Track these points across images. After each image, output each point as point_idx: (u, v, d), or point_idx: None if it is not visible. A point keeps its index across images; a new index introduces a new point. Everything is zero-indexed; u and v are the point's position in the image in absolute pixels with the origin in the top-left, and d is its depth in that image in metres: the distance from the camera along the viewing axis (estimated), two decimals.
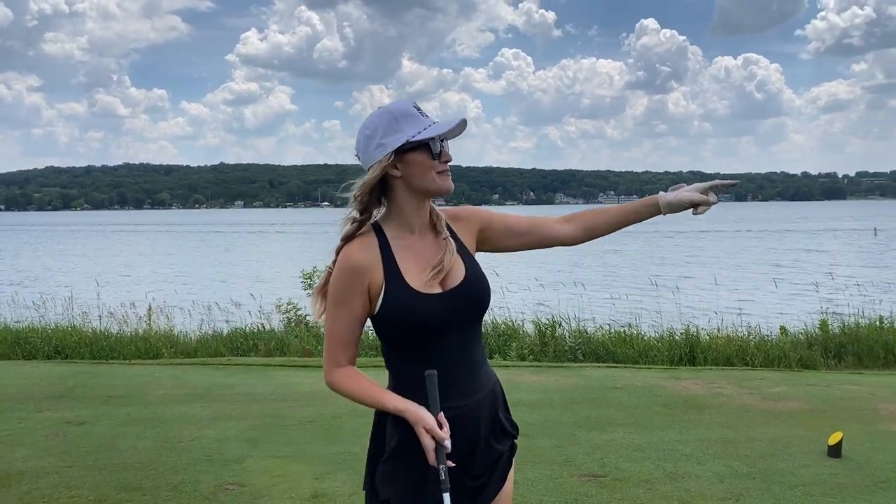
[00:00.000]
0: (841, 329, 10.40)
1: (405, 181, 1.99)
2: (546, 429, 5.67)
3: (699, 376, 7.83)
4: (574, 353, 10.10)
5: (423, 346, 1.97)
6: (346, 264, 1.97)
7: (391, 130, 1.96)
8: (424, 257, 2.01)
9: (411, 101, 2.01)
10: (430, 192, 2.01)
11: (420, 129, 1.96)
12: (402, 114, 1.97)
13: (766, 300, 17.27)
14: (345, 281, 1.97)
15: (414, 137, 1.95)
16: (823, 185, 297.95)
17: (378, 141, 1.96)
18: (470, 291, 2.01)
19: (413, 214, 2.03)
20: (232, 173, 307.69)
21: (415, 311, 1.94)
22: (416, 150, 1.96)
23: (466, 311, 2.01)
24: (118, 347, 10.64)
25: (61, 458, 5.04)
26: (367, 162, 1.99)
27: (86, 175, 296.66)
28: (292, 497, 4.27)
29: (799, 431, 5.54)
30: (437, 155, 1.98)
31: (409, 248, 2.02)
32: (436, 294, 1.97)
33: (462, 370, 2.00)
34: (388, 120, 1.96)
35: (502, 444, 2.09)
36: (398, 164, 1.97)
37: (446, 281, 2.00)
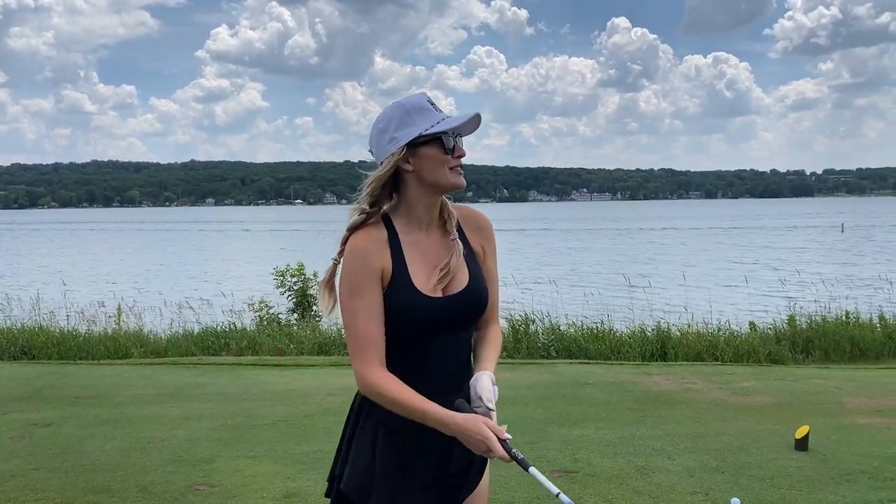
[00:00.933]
0: (808, 324, 10.56)
1: (417, 175, 1.97)
2: (518, 425, 5.68)
3: (670, 372, 7.92)
4: (547, 349, 10.15)
5: (419, 344, 1.97)
6: (357, 251, 1.94)
7: (403, 124, 1.95)
8: (432, 256, 2.00)
9: (425, 96, 2.00)
10: (442, 188, 1.99)
11: (433, 122, 1.95)
12: (414, 108, 1.96)
13: (736, 296, 17.52)
14: (358, 268, 1.93)
15: (427, 131, 1.93)
16: (792, 182, 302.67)
17: (391, 135, 1.96)
18: (471, 298, 2.01)
19: (424, 209, 2.02)
20: (203, 171, 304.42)
21: (418, 312, 1.94)
22: (428, 144, 1.95)
23: (465, 316, 2.02)
24: (87, 347, 10.47)
25: (27, 460, 4.96)
26: (379, 156, 1.99)
27: (53, 172, 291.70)
28: (263, 497, 4.24)
29: (767, 425, 5.62)
30: (451, 150, 1.96)
31: (417, 244, 2.00)
32: (439, 298, 1.97)
33: (452, 368, 2.01)
34: (401, 114, 1.96)
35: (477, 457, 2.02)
36: (410, 158, 1.95)
37: (450, 285, 1.99)
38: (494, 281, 2.14)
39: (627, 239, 54.82)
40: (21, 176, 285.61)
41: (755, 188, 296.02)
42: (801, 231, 63.14)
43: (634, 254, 39.97)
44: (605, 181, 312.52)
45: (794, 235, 56.80)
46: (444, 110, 2.00)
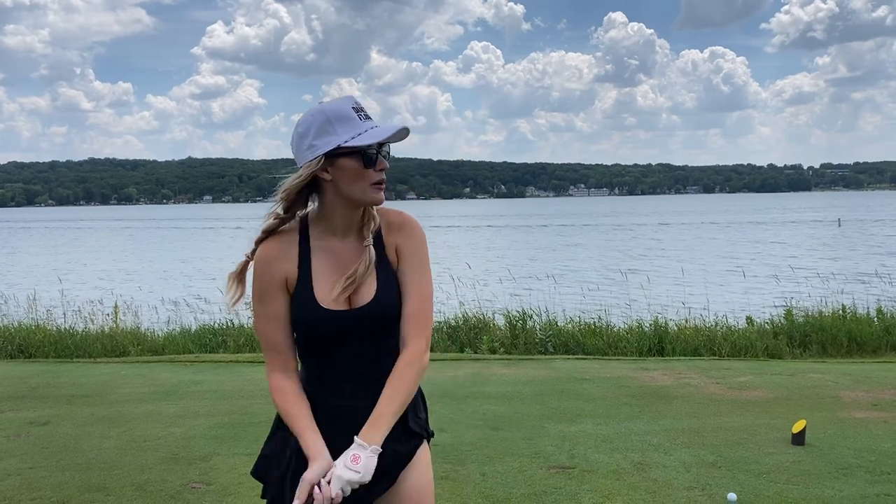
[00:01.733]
0: (805, 318, 10.56)
1: (335, 185, 1.92)
2: (515, 421, 5.68)
3: (667, 367, 7.91)
4: (544, 345, 10.15)
5: (326, 351, 1.95)
6: (263, 258, 1.94)
7: (323, 132, 1.87)
8: (341, 263, 1.96)
9: (351, 101, 1.91)
10: (359, 202, 1.94)
11: (354, 133, 1.87)
12: (336, 115, 1.88)
13: (733, 291, 17.53)
14: (264, 276, 1.94)
15: (346, 143, 1.86)
16: (789, 176, 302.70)
17: (309, 142, 1.89)
18: (374, 313, 1.94)
19: (339, 218, 1.97)
20: (200, 168, 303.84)
21: (314, 323, 1.92)
22: (348, 155, 1.88)
23: (369, 329, 1.95)
24: (84, 346, 10.46)
25: (23, 459, 4.94)
26: (298, 161, 1.93)
27: (50, 170, 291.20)
28: (259, 494, 4.22)
29: (764, 420, 5.62)
30: (373, 163, 1.89)
31: (329, 250, 1.97)
32: (339, 311, 1.92)
33: (363, 377, 1.95)
34: (322, 121, 1.88)
35: (404, 445, 1.99)
36: (328, 168, 1.89)
37: (355, 297, 1.94)
38: (416, 287, 1.98)
39: (623, 234, 54.82)
40: (18, 174, 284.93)
41: (753, 183, 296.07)
42: (798, 226, 63.16)
43: (631, 249, 39.97)
44: (603, 176, 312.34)
45: (791, 230, 56.82)
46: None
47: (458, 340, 10.57)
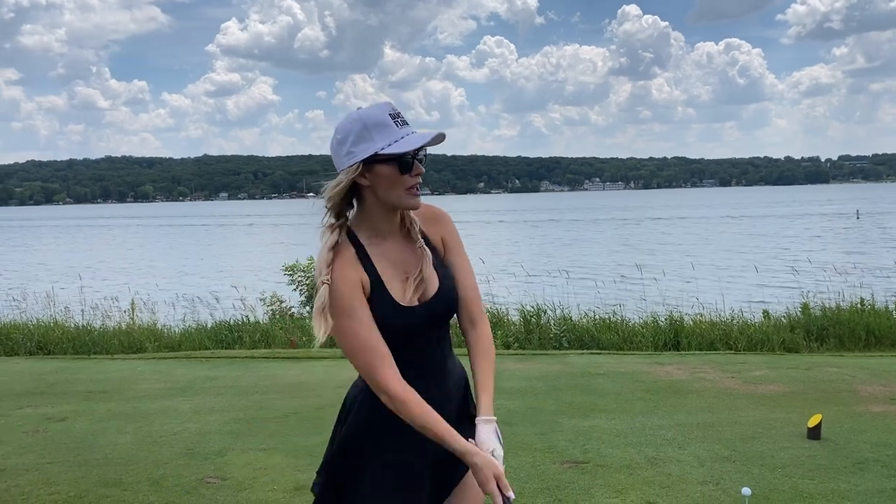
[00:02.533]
0: (822, 312, 10.47)
1: (373, 191, 1.96)
2: (529, 416, 5.68)
3: (682, 361, 7.87)
4: (559, 340, 10.13)
5: (401, 349, 1.98)
6: (339, 274, 1.94)
7: (361, 139, 1.91)
8: (401, 265, 2.02)
9: (388, 108, 1.95)
10: (395, 207, 2.00)
11: (391, 140, 1.90)
12: (373, 122, 1.91)
13: (749, 285, 17.41)
14: (345, 290, 1.93)
15: (383, 150, 1.90)
16: (806, 169, 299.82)
17: (348, 148, 1.93)
18: (443, 302, 2.04)
19: (382, 221, 2.02)
20: (216, 165, 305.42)
21: (398, 322, 1.97)
22: (385, 162, 1.92)
23: (440, 318, 2.06)
24: (101, 342, 10.56)
25: (41, 454, 5.00)
26: (338, 167, 1.97)
27: (68, 169, 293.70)
28: (274, 489, 4.26)
29: (779, 414, 5.58)
30: (409, 168, 1.93)
31: (385, 255, 2.02)
32: (415, 307, 1.99)
33: (434, 366, 2.07)
34: (359, 128, 1.92)
35: (468, 430, 2.03)
36: (366, 174, 1.93)
37: (423, 292, 2.02)
38: (467, 272, 2.13)
39: (638, 229, 54.53)
40: (36, 172, 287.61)
41: (770, 175, 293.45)
42: (815, 218, 62.58)
43: (644, 244, 39.78)
44: (618, 170, 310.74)
45: (808, 223, 56.32)
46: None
47: None
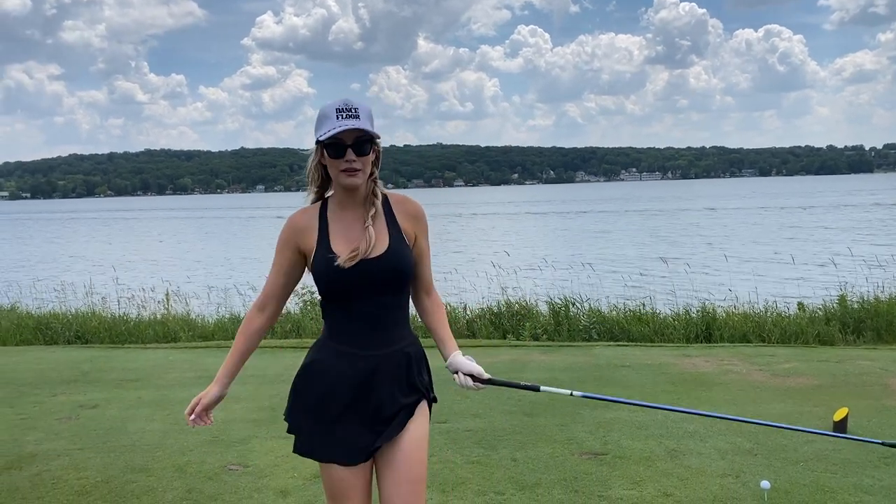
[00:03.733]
0: (860, 304, 10.25)
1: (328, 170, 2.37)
2: (550, 408, 5.68)
3: (710, 354, 7.79)
4: (588, 332, 10.08)
5: (345, 302, 2.33)
6: (287, 224, 2.41)
7: (318, 126, 2.31)
8: (353, 230, 2.35)
9: (339, 102, 2.29)
10: (338, 184, 2.35)
11: (326, 129, 2.26)
12: (322, 114, 2.30)
13: (785, 276, 17.10)
14: (283, 236, 2.41)
15: (319, 138, 2.29)
16: (850, 158, 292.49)
17: (315, 134, 2.33)
18: (384, 266, 2.31)
19: (342, 196, 2.38)
20: (252, 158, 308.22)
21: (333, 273, 2.29)
22: (328, 146, 2.29)
23: (382, 279, 2.32)
24: (136, 332, 10.80)
25: (72, 440, 5.14)
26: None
27: (108, 162, 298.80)
28: (294, 476, 4.32)
29: (806, 407, 5.51)
30: (340, 153, 2.27)
31: (342, 219, 2.37)
32: (346, 262, 2.29)
33: (375, 328, 2.34)
34: (318, 116, 2.32)
35: (408, 398, 2.37)
36: (322, 157, 2.34)
37: (368, 251, 2.31)
38: (426, 257, 2.51)
39: (672, 220, 53.86)
40: (78, 166, 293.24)
41: (811, 165, 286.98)
42: (856, 209, 61.16)
43: (677, 235, 39.29)
44: (655, 160, 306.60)
45: (850, 213, 55.08)
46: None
47: (500, 327, 10.56)
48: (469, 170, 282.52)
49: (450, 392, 6.19)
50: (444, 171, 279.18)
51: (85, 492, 4.17)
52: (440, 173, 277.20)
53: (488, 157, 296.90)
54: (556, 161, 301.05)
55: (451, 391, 6.20)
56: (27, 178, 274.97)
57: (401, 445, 2.33)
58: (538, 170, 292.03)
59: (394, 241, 2.35)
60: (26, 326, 10.92)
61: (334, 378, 2.32)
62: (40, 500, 4.08)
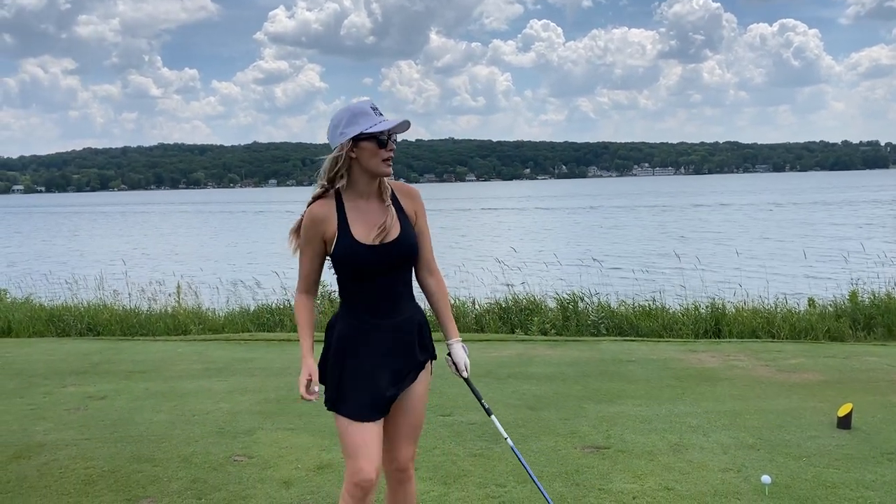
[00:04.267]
0: (871, 301, 10.19)
1: (358, 162, 2.66)
2: (554, 401, 5.69)
3: (716, 349, 7.78)
4: (597, 327, 10.07)
5: (361, 281, 2.69)
6: (309, 217, 2.70)
7: (351, 123, 2.63)
8: (369, 217, 2.70)
9: (369, 103, 2.67)
10: (374, 173, 2.68)
11: (372, 124, 2.61)
12: (359, 111, 2.64)
13: (796, 273, 17.01)
14: (308, 228, 2.71)
15: (366, 130, 2.61)
16: (865, 154, 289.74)
17: (341, 130, 2.64)
18: (398, 248, 2.71)
19: (364, 185, 2.72)
20: (265, 152, 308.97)
21: (358, 255, 2.66)
22: (367, 140, 2.62)
23: (395, 260, 2.71)
24: (147, 325, 10.88)
25: (80, 430, 5.21)
26: (332, 144, 2.68)
27: (122, 156, 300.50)
28: (298, 468, 4.36)
29: (811, 403, 5.49)
30: (384, 145, 2.64)
31: (358, 209, 2.71)
32: (375, 246, 2.67)
33: (387, 301, 2.73)
34: (349, 116, 2.63)
35: (420, 356, 2.82)
36: (354, 149, 2.64)
37: (384, 237, 2.68)
38: (427, 239, 2.86)
39: (681, 216, 53.62)
40: (92, 160, 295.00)
41: (825, 160, 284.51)
42: (870, 205, 60.66)
43: (686, 231, 39.12)
44: (668, 155, 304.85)
45: (863, 209, 54.63)
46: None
47: (508, 322, 10.57)
48: (481, 164, 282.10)
49: (454, 386, 6.22)
50: (456, 165, 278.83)
51: (92, 481, 4.23)
52: (452, 168, 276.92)
53: (500, 151, 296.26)
54: (568, 156, 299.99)
55: (456, 385, 6.23)
56: (42, 172, 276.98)
57: (410, 396, 2.81)
58: (550, 165, 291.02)
59: (404, 225, 2.74)
60: (39, 318, 11.02)
61: (363, 346, 2.72)
62: (48, 489, 4.14)
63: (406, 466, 2.87)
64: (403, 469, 2.87)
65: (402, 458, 2.85)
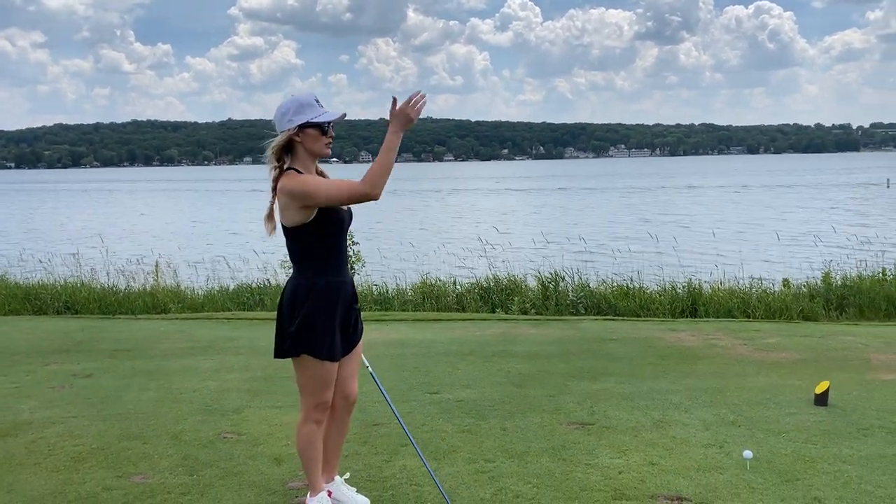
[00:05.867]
0: (843, 281, 10.41)
1: (303, 145, 3.19)
2: (539, 379, 5.78)
3: (696, 328, 7.92)
4: (576, 306, 10.19)
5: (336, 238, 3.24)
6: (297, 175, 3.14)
7: (298, 112, 3.15)
8: None
9: (313, 95, 3.21)
10: (318, 155, 3.24)
11: (316, 114, 3.16)
12: (306, 103, 3.17)
13: (770, 254, 17.29)
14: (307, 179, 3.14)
15: (312, 119, 3.15)
16: (837, 136, 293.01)
17: (289, 117, 3.16)
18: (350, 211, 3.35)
19: (309, 165, 3.23)
20: (240, 129, 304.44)
21: (340, 213, 3.23)
22: (312, 127, 3.17)
23: (349, 222, 3.33)
24: (126, 303, 10.79)
25: (67, 408, 5.20)
26: (279, 129, 3.19)
27: (94, 132, 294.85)
28: (288, 444, 4.40)
29: (789, 381, 5.63)
30: (325, 132, 3.20)
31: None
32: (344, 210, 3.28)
33: (345, 258, 3.32)
34: (297, 106, 3.16)
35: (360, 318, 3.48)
36: (300, 134, 3.17)
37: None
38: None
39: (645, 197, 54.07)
40: (64, 136, 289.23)
41: (799, 143, 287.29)
42: (844, 188, 61.56)
43: (659, 213, 39.49)
44: (644, 137, 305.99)
45: (837, 192, 55.44)
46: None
47: (489, 301, 10.66)
48: (459, 144, 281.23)
49: (442, 365, 6.30)
50: (434, 145, 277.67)
51: (81, 458, 4.23)
52: (430, 148, 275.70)
53: (478, 131, 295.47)
54: (545, 137, 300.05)
55: (443, 365, 6.31)
56: (11, 148, 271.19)
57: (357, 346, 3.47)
58: (528, 145, 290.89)
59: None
60: (14, 296, 10.90)
61: (336, 299, 3.25)
62: (37, 465, 4.13)
63: (356, 397, 3.52)
64: (354, 400, 3.51)
65: (354, 390, 3.49)
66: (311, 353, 3.21)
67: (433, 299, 10.68)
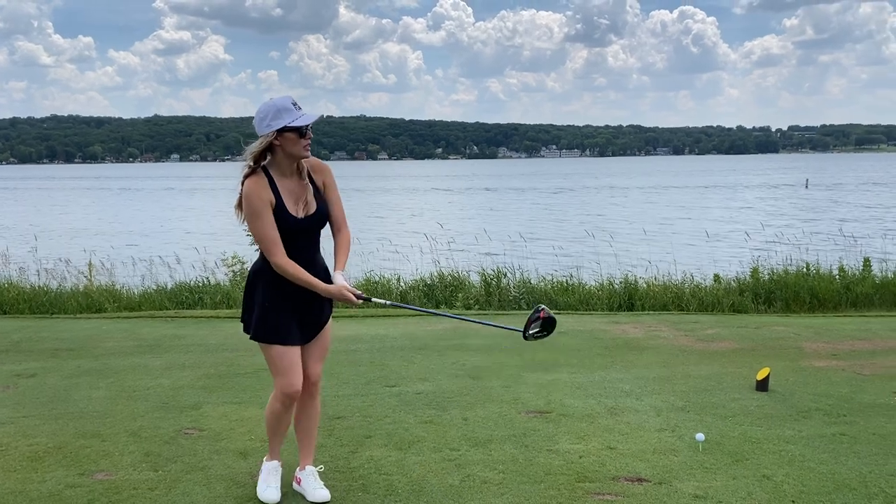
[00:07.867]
0: (770, 276, 10.89)
1: (282, 148, 3.34)
2: (495, 371, 5.91)
3: (638, 321, 8.19)
4: (518, 302, 10.38)
5: (293, 243, 3.36)
6: (253, 189, 3.32)
7: (276, 117, 3.28)
8: (294, 193, 3.41)
9: (290, 99, 3.34)
10: (297, 157, 3.38)
11: (293, 118, 3.29)
12: (283, 108, 3.29)
13: (701, 250, 17.93)
14: (256, 200, 3.30)
15: (290, 123, 3.28)
16: (757, 138, 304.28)
17: (267, 122, 3.30)
18: (317, 218, 3.46)
19: (286, 166, 3.40)
20: (166, 126, 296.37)
21: (293, 226, 3.37)
22: (290, 131, 3.30)
23: (313, 228, 3.47)
24: (59, 303, 10.46)
25: (15, 408, 5.05)
26: (259, 133, 3.34)
27: (11, 127, 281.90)
28: (252, 439, 4.40)
29: (730, 369, 5.91)
30: (303, 135, 3.33)
31: (285, 186, 3.40)
32: (300, 218, 3.40)
33: (306, 258, 3.43)
34: (274, 111, 3.29)
35: (328, 310, 3.62)
36: (279, 138, 3.31)
37: (306, 210, 3.42)
38: (338, 202, 3.57)
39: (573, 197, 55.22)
40: None
41: (721, 144, 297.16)
42: (766, 189, 64.10)
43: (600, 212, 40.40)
44: (575, 137, 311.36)
45: (760, 192, 57.70)
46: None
47: (433, 298, 10.75)
48: (393, 143, 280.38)
49: (397, 359, 6.37)
50: (368, 143, 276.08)
51: (38, 457, 4.14)
52: (363, 146, 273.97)
53: (412, 130, 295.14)
54: (479, 136, 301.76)
55: (398, 359, 6.37)
56: None
57: (323, 332, 3.62)
58: (462, 145, 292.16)
59: (319, 202, 3.46)
60: None
61: (289, 292, 3.42)
62: None
63: (316, 381, 3.65)
64: (315, 383, 3.64)
65: (315, 374, 3.62)
66: (261, 340, 3.46)
67: (377, 296, 10.71)
